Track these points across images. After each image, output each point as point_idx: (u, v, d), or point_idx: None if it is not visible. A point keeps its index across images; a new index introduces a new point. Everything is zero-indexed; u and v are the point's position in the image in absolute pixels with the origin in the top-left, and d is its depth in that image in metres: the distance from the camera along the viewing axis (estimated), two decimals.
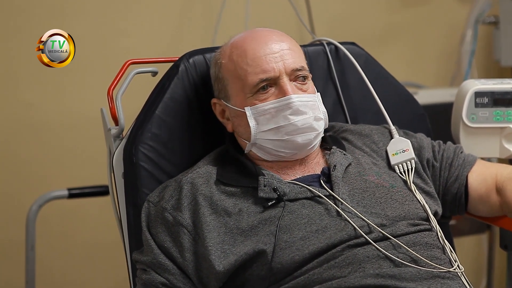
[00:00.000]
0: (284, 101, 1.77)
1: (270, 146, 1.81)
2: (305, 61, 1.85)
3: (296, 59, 1.81)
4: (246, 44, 1.82)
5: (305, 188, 1.76)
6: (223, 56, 1.85)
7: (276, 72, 1.78)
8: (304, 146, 1.80)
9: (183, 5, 2.94)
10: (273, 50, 1.80)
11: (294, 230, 1.69)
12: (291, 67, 1.79)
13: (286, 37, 1.85)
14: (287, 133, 1.78)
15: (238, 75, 1.81)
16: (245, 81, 1.80)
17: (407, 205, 1.78)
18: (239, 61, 1.81)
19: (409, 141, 1.93)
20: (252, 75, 1.79)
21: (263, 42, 1.81)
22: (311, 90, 1.82)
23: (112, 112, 1.93)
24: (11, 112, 2.78)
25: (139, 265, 1.78)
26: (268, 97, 1.79)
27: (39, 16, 2.75)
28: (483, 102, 2.06)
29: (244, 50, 1.81)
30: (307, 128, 1.79)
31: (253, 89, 1.79)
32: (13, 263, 2.82)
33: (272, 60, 1.79)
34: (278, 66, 1.78)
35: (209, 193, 1.76)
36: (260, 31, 1.85)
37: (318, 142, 1.85)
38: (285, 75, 1.79)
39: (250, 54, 1.80)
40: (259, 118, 1.79)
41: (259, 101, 1.79)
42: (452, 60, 3.34)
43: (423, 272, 1.65)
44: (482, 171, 1.92)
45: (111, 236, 2.54)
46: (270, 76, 1.78)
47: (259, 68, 1.78)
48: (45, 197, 2.58)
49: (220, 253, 1.70)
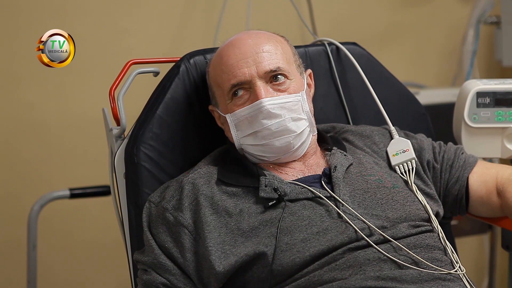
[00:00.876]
0: (256, 106, 1.77)
1: (252, 151, 1.81)
2: (288, 60, 1.83)
3: (272, 61, 1.79)
4: (223, 51, 1.83)
5: (306, 189, 1.75)
6: (209, 65, 1.89)
7: (247, 76, 1.78)
8: (283, 149, 1.79)
9: (185, 5, 2.94)
10: (246, 54, 1.79)
11: (295, 232, 1.69)
12: (264, 69, 1.78)
13: (265, 39, 1.83)
14: (264, 138, 1.78)
15: (218, 82, 1.83)
16: (222, 87, 1.82)
17: (409, 206, 1.78)
18: (217, 69, 1.83)
19: (409, 141, 1.93)
20: (226, 82, 1.80)
21: (237, 48, 1.81)
22: (292, 89, 1.81)
23: (113, 112, 1.93)
24: (13, 112, 2.78)
25: (140, 265, 1.78)
26: (244, 102, 1.80)
27: (41, 16, 2.75)
28: (485, 102, 2.06)
29: (221, 57, 1.83)
30: (282, 131, 1.78)
31: (228, 95, 1.81)
32: (15, 263, 2.82)
33: (243, 65, 1.79)
34: (250, 70, 1.78)
35: (210, 193, 1.76)
36: (240, 35, 1.85)
37: (307, 142, 1.83)
38: (258, 78, 1.78)
39: (224, 60, 1.81)
40: (238, 124, 1.80)
41: (237, 107, 1.80)
42: (453, 60, 3.34)
43: (424, 274, 1.64)
44: (482, 173, 1.92)
45: (112, 236, 2.54)
46: (240, 81, 1.78)
47: (231, 74, 1.79)
48: (46, 197, 2.58)
49: (221, 253, 1.69)
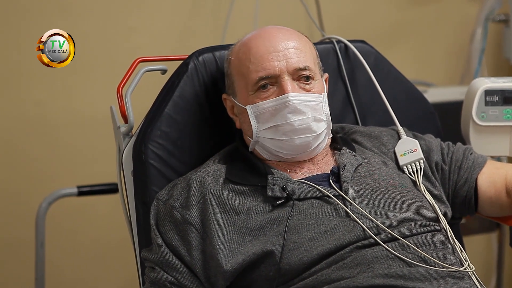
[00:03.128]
0: (282, 100, 1.76)
1: (270, 145, 1.80)
2: (314, 61, 1.83)
3: (301, 58, 1.79)
4: (252, 42, 1.82)
5: (314, 188, 1.75)
6: (232, 53, 1.86)
7: (276, 70, 1.77)
8: (301, 148, 1.79)
9: (193, 3, 2.94)
10: (277, 48, 1.79)
11: (302, 231, 1.69)
12: (293, 66, 1.78)
13: (295, 36, 1.83)
14: (285, 133, 1.77)
15: (242, 72, 1.82)
16: (247, 78, 1.80)
17: (417, 205, 1.77)
18: (243, 59, 1.82)
19: (417, 141, 1.92)
20: (253, 73, 1.79)
21: (267, 40, 1.81)
22: (316, 90, 1.81)
23: (121, 110, 1.93)
24: (20, 110, 2.78)
25: (148, 263, 1.78)
26: (269, 95, 1.79)
27: (48, 14, 2.75)
28: (493, 100, 2.06)
29: (249, 47, 1.81)
30: (304, 129, 1.77)
31: (254, 87, 1.79)
32: (23, 261, 2.82)
33: (274, 58, 1.78)
34: (280, 65, 1.78)
35: (217, 192, 1.76)
36: (269, 29, 1.85)
37: (322, 144, 1.83)
38: (287, 74, 1.78)
39: (254, 51, 1.80)
40: (260, 116, 1.79)
41: (260, 99, 1.79)
42: (462, 58, 3.33)
43: (433, 272, 1.64)
44: (491, 173, 1.91)
45: (120, 234, 2.54)
46: (269, 74, 1.78)
47: (260, 66, 1.78)
48: (54, 195, 2.58)
49: (228, 252, 1.69)
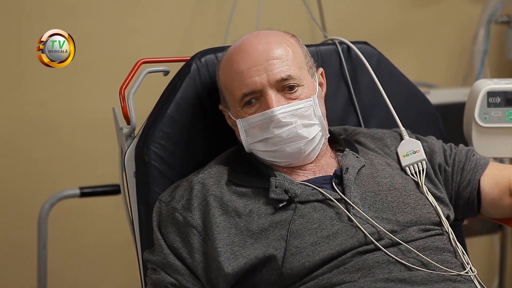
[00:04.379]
0: (267, 115, 1.75)
1: (263, 156, 1.80)
2: (299, 65, 1.80)
3: (283, 68, 1.77)
4: (234, 56, 1.81)
5: (317, 190, 1.74)
6: (220, 67, 1.86)
7: (258, 85, 1.76)
8: (295, 155, 1.78)
9: (195, 4, 2.94)
10: (257, 62, 1.77)
11: (305, 235, 1.68)
12: (275, 78, 1.76)
13: (275, 43, 1.80)
14: (275, 144, 1.77)
15: (228, 88, 1.82)
16: (233, 94, 1.80)
17: (419, 209, 1.76)
18: (227, 75, 1.81)
19: (419, 142, 1.91)
20: (237, 90, 1.78)
21: (247, 54, 1.78)
22: (304, 95, 1.78)
23: (124, 111, 1.93)
24: (22, 112, 2.78)
25: (150, 264, 1.78)
26: (256, 110, 1.78)
27: (50, 15, 2.75)
28: (496, 101, 2.05)
29: (231, 63, 1.80)
30: (293, 138, 1.76)
31: (240, 103, 1.79)
32: (25, 262, 2.82)
33: (254, 73, 1.76)
34: (261, 79, 1.76)
35: (219, 194, 1.75)
36: (249, 40, 1.81)
37: (319, 147, 1.81)
38: (269, 87, 1.76)
39: (235, 68, 1.79)
40: (249, 130, 1.79)
41: (248, 114, 1.78)
42: (464, 59, 3.33)
43: (434, 276, 1.63)
44: (494, 174, 1.91)
45: (122, 235, 2.54)
46: (251, 90, 1.76)
47: (242, 83, 1.77)
48: (57, 196, 2.58)
49: (230, 254, 1.69)
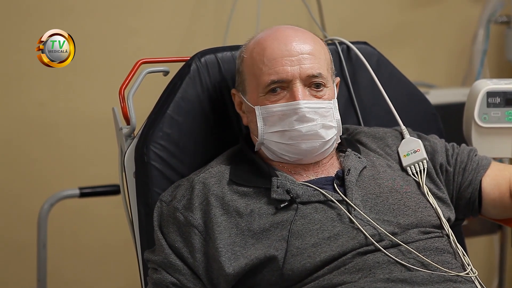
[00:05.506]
0: (292, 106, 1.75)
1: (275, 148, 1.80)
2: (327, 67, 1.81)
3: (315, 65, 1.78)
4: (267, 42, 1.80)
5: (318, 191, 1.74)
6: (246, 50, 1.84)
7: (289, 75, 1.76)
8: (308, 153, 1.78)
9: (194, 4, 2.94)
10: (292, 53, 1.77)
11: (306, 236, 1.68)
12: (306, 73, 1.76)
13: (311, 40, 1.81)
14: (291, 138, 1.77)
15: (254, 72, 1.80)
16: (259, 79, 1.79)
17: (420, 212, 1.76)
18: (257, 59, 1.80)
19: (420, 141, 1.91)
20: (266, 75, 1.77)
21: (283, 43, 1.79)
22: (327, 96, 1.79)
23: (123, 112, 1.93)
24: (22, 112, 2.78)
25: (151, 264, 1.78)
26: (278, 99, 1.77)
27: (50, 15, 2.75)
28: (495, 102, 2.05)
29: (264, 48, 1.80)
30: (312, 135, 1.76)
31: (264, 89, 1.78)
32: (24, 262, 2.82)
33: (288, 63, 1.77)
34: (293, 70, 1.76)
35: (221, 193, 1.75)
36: (285, 30, 1.82)
37: (330, 149, 1.82)
38: (299, 80, 1.76)
39: (268, 53, 1.78)
40: (267, 118, 1.78)
41: (270, 102, 1.78)
42: (464, 59, 3.33)
43: (434, 276, 1.63)
44: (495, 175, 1.91)
45: (122, 235, 2.54)
46: (282, 78, 1.76)
47: (273, 69, 1.77)
48: (56, 196, 2.58)
49: (231, 254, 1.69)
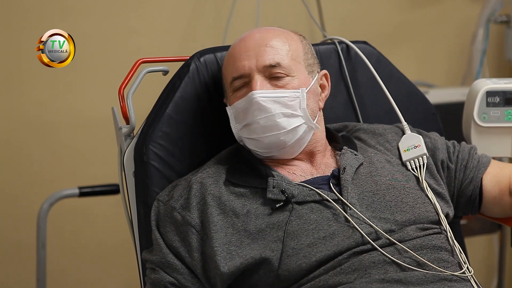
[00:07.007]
0: (248, 98, 1.76)
1: (248, 145, 1.81)
2: (294, 57, 1.80)
3: (274, 56, 1.78)
4: (234, 45, 1.84)
5: (314, 191, 1.74)
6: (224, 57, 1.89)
7: (246, 69, 1.77)
8: (275, 146, 1.78)
9: (194, 4, 2.94)
10: (249, 48, 1.79)
11: (301, 237, 1.68)
12: (263, 64, 1.77)
13: (274, 34, 1.81)
14: (254, 132, 1.77)
15: (224, 74, 1.85)
16: (226, 80, 1.83)
17: (418, 208, 1.76)
18: (225, 62, 1.85)
19: (420, 136, 1.91)
20: (229, 74, 1.81)
21: (243, 41, 1.81)
22: (292, 86, 1.78)
23: (123, 111, 1.93)
24: (21, 111, 2.79)
25: (149, 264, 1.78)
26: (242, 95, 1.79)
27: (50, 15, 2.75)
28: (495, 101, 2.06)
29: (230, 51, 1.84)
30: (271, 127, 1.76)
31: (231, 88, 1.81)
32: (24, 262, 2.82)
33: (245, 57, 1.78)
34: (250, 63, 1.77)
35: (218, 193, 1.75)
36: (254, 31, 1.84)
37: (306, 139, 1.80)
38: (257, 72, 1.77)
39: (230, 53, 1.83)
40: (237, 116, 1.80)
41: (236, 99, 1.80)
42: (463, 59, 3.33)
43: (429, 276, 1.63)
44: (496, 173, 1.92)
45: (121, 235, 2.54)
46: (240, 73, 1.78)
47: (233, 67, 1.80)
48: (56, 195, 2.58)
49: (226, 254, 1.69)
